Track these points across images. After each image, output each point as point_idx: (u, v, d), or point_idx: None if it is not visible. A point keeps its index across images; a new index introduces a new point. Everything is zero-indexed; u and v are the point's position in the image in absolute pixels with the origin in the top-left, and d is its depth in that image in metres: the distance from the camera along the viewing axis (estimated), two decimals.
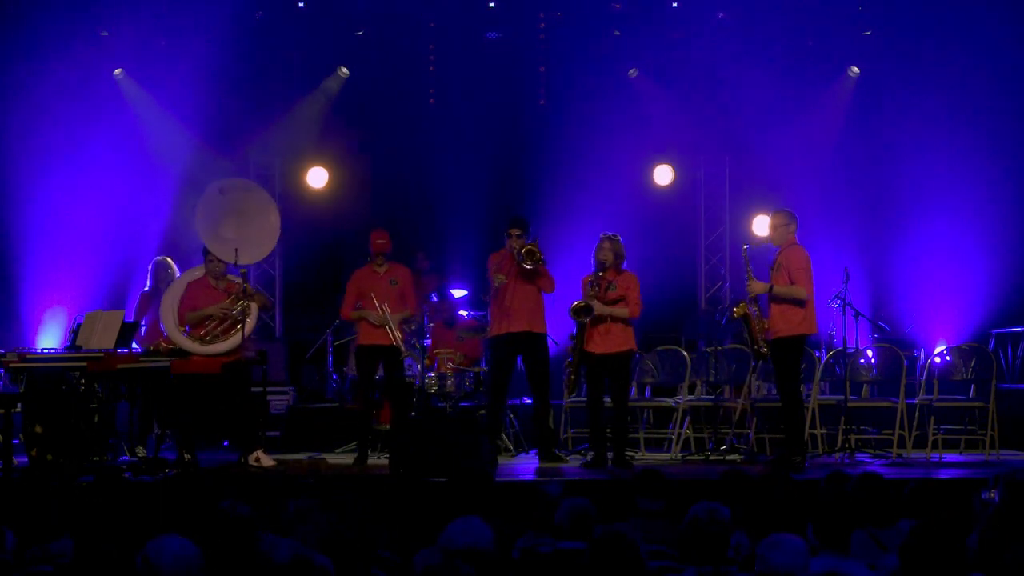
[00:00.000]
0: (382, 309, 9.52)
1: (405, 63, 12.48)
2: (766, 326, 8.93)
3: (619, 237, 9.44)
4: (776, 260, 9.06)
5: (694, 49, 12.18)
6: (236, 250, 9.14)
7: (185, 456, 8.82)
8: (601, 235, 9.46)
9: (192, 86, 11.77)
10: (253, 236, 9.49)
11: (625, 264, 9.50)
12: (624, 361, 9.37)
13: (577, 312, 9.33)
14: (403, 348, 9.57)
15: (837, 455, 9.51)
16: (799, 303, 8.85)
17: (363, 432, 9.76)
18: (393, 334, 9.51)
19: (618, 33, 12.30)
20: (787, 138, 12.27)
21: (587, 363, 9.40)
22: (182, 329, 9.14)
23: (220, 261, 9.22)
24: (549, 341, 10.40)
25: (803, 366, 9.30)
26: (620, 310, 9.28)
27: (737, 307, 9.10)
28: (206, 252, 9.33)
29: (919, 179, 12.03)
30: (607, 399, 9.45)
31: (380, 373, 9.83)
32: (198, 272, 9.47)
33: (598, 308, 9.25)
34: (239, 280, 9.20)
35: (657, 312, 11.19)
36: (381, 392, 10.14)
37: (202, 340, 9.10)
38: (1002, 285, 11.77)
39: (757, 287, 8.92)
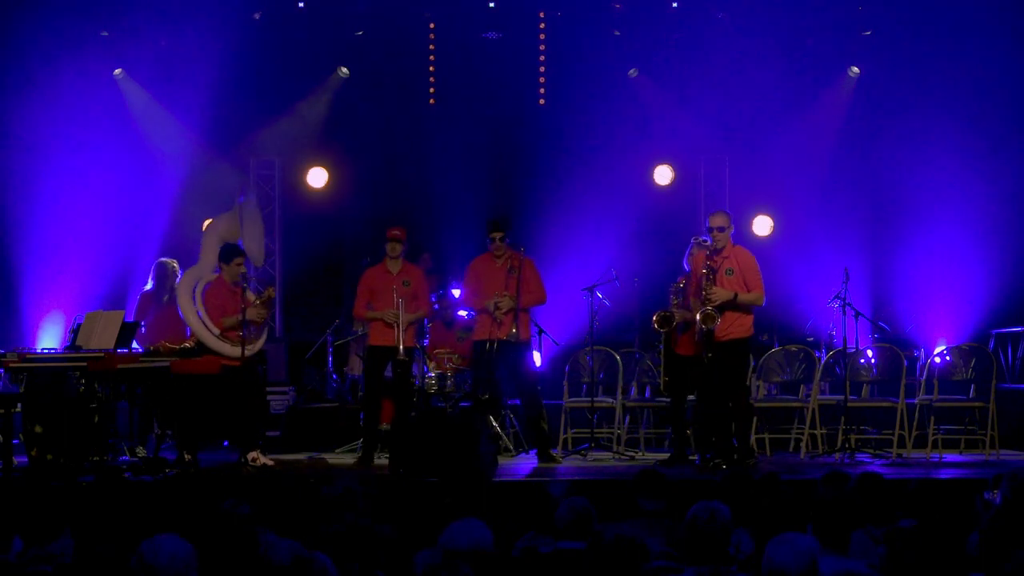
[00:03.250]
0: (398, 306, 9.52)
1: (405, 63, 12.47)
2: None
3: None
4: (718, 264, 9.01)
5: (694, 49, 12.17)
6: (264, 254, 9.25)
7: (185, 456, 8.83)
8: (693, 240, 9.43)
9: (192, 86, 11.77)
10: (260, 239, 9.55)
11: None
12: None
13: (660, 323, 9.34)
14: (402, 351, 9.54)
15: (837, 455, 9.51)
16: (750, 309, 8.93)
17: (369, 431, 9.77)
18: (401, 336, 9.51)
19: (618, 33, 12.30)
20: (787, 138, 12.27)
21: (675, 365, 9.39)
22: (217, 335, 9.17)
23: (244, 265, 9.28)
24: (548, 341, 10.40)
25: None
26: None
27: (705, 316, 8.92)
28: (230, 257, 9.32)
29: (919, 179, 12.02)
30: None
31: (387, 373, 9.85)
32: (205, 273, 9.45)
33: (680, 315, 9.27)
34: (262, 286, 9.27)
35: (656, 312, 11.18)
36: (386, 392, 10.13)
37: (242, 344, 9.13)
38: (1002, 285, 11.77)
39: (722, 294, 8.89)
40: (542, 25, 12.37)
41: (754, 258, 9.10)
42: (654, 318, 9.42)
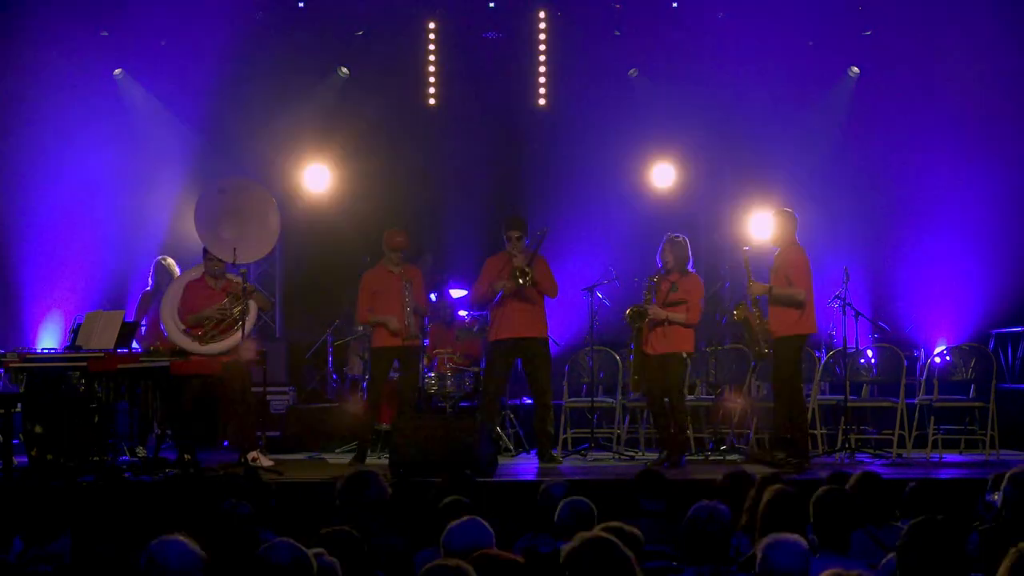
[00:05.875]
0: (406, 305, 9.50)
1: (405, 63, 12.46)
2: (767, 326, 8.93)
3: (683, 239, 9.42)
4: (776, 261, 9.06)
5: (694, 49, 12.17)
6: (235, 249, 9.13)
7: (185, 456, 8.82)
8: (665, 236, 9.46)
9: (192, 86, 11.76)
10: (253, 235, 9.45)
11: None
12: (674, 361, 9.34)
13: (631, 318, 9.36)
14: (417, 335, 9.56)
15: (837, 455, 9.51)
16: (797, 304, 8.84)
17: (365, 432, 9.77)
18: (411, 333, 9.51)
19: (618, 33, 12.29)
20: (787, 138, 12.25)
21: (646, 364, 9.40)
22: (182, 329, 9.15)
23: (219, 260, 9.22)
24: (550, 341, 10.39)
25: (803, 366, 9.31)
26: (678, 315, 9.29)
27: (737, 309, 9.08)
28: (206, 251, 9.33)
29: (919, 178, 12.02)
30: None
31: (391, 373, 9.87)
32: (196, 272, 9.47)
33: (653, 312, 9.28)
34: (238, 279, 9.18)
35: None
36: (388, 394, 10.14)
37: (200, 340, 9.10)
38: (1002, 285, 11.76)
39: (757, 288, 8.94)
40: (542, 25, 12.36)
41: (801, 256, 9.03)
42: (627, 312, 9.44)
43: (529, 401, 10.19)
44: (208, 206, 9.44)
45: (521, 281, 9.49)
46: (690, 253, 9.52)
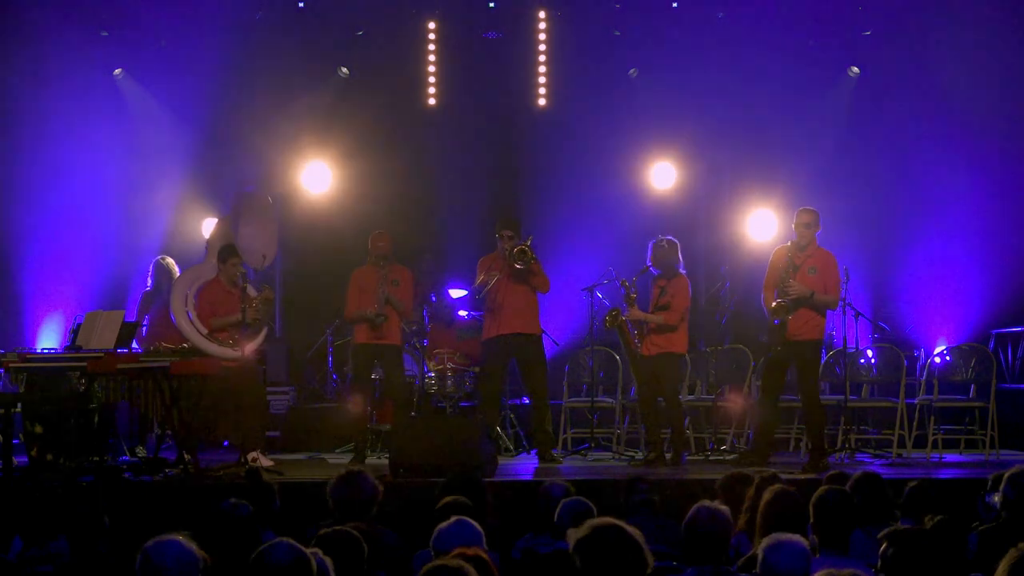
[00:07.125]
0: (382, 299, 9.48)
1: (405, 63, 12.46)
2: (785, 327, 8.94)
3: (668, 242, 9.45)
4: (801, 261, 8.97)
5: (694, 49, 12.16)
6: (264, 256, 9.17)
7: (185, 456, 8.82)
8: (657, 238, 9.53)
9: (192, 86, 11.76)
10: (266, 238, 9.48)
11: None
12: (667, 362, 9.34)
13: (609, 320, 9.40)
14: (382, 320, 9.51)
15: (837, 455, 9.51)
16: (822, 311, 8.94)
17: (361, 431, 9.77)
18: (379, 315, 9.47)
19: (618, 33, 12.29)
20: (787, 138, 12.25)
21: (640, 366, 9.42)
22: (204, 334, 9.11)
23: (242, 267, 9.21)
24: (548, 341, 10.40)
25: None
26: (655, 317, 9.32)
27: (781, 309, 8.86)
28: (226, 257, 9.28)
29: (919, 178, 12.01)
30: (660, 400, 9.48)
31: (378, 373, 9.85)
32: (205, 272, 9.43)
33: (629, 314, 9.28)
34: (260, 287, 9.21)
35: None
36: (380, 391, 10.14)
37: (229, 344, 9.08)
38: (1002, 285, 11.75)
39: (799, 289, 8.87)
40: (542, 25, 12.36)
41: (836, 261, 9.10)
42: (606, 318, 9.48)
43: (529, 401, 10.17)
44: (236, 216, 9.46)
45: (519, 264, 9.46)
46: (679, 256, 9.51)
